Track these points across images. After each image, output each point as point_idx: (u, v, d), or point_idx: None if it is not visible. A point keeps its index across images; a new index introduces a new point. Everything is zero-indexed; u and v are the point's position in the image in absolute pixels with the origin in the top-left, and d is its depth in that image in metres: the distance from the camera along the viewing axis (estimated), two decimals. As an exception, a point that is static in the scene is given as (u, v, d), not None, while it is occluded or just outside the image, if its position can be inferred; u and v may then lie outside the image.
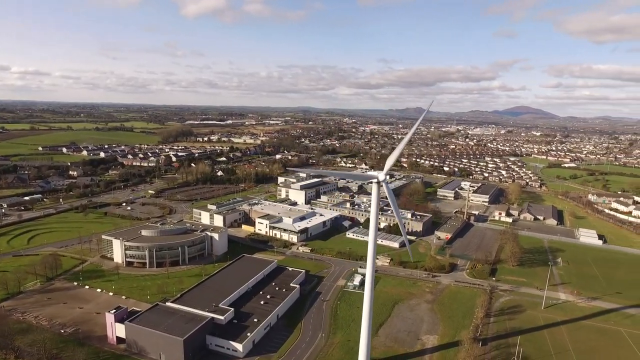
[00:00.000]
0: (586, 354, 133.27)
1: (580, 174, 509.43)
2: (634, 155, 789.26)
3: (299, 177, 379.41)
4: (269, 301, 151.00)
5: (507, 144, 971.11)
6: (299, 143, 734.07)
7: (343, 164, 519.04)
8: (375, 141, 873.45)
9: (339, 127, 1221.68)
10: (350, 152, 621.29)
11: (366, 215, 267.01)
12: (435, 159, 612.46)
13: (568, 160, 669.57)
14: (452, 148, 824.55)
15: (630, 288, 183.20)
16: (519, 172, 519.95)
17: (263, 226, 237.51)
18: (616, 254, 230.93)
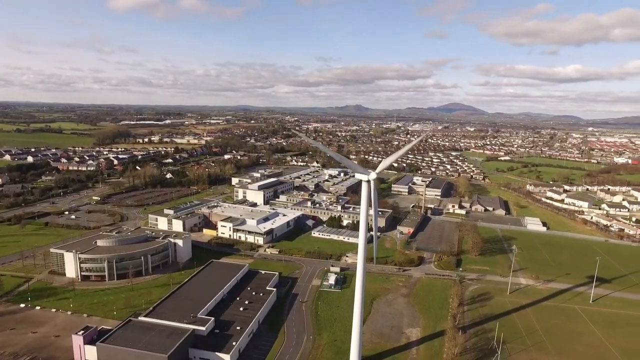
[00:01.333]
0: (551, 331, 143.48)
1: (516, 166, 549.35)
2: (555, 148, 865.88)
3: (253, 177, 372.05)
4: (248, 307, 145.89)
5: (446, 139, 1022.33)
6: (245, 142, 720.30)
7: (294, 163, 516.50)
8: (321, 139, 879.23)
9: (282, 126, 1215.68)
10: (300, 151, 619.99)
11: (328, 213, 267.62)
12: (382, 155, 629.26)
13: (502, 153, 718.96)
14: (395, 144, 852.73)
15: (575, 269, 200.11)
16: (462, 166, 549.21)
17: (226, 229, 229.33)
18: (559, 239, 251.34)
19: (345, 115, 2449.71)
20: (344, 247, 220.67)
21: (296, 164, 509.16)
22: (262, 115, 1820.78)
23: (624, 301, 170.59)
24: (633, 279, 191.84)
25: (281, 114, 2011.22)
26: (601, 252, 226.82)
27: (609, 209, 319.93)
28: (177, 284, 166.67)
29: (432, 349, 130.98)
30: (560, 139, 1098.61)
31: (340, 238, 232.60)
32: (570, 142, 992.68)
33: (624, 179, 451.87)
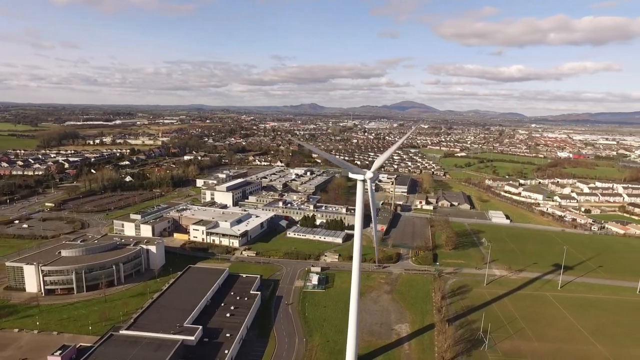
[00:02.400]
0: (529, 318, 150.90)
1: (472, 162, 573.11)
2: (505, 143, 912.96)
3: (218, 178, 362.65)
4: (234, 312, 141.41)
5: (401, 136, 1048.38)
6: (204, 142, 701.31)
7: (258, 163, 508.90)
8: (280, 138, 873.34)
9: (239, 125, 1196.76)
10: (261, 150, 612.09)
11: (301, 213, 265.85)
12: (343, 153, 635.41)
13: (458, 150, 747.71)
14: (355, 142, 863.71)
15: (541, 258, 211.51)
16: (422, 162, 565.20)
17: (199, 233, 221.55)
18: (521, 230, 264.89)
19: (300, 113, 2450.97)
20: (321, 246, 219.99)
21: (259, 164, 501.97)
22: (217, 115, 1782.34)
23: (586, 286, 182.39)
24: (591, 265, 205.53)
25: (236, 113, 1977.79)
26: (560, 241, 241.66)
27: (561, 201, 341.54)
28: (154, 293, 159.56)
29: (423, 343, 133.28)
30: (508, 135, 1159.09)
31: (316, 237, 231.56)
32: (517, 138, 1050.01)
33: (569, 172, 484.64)
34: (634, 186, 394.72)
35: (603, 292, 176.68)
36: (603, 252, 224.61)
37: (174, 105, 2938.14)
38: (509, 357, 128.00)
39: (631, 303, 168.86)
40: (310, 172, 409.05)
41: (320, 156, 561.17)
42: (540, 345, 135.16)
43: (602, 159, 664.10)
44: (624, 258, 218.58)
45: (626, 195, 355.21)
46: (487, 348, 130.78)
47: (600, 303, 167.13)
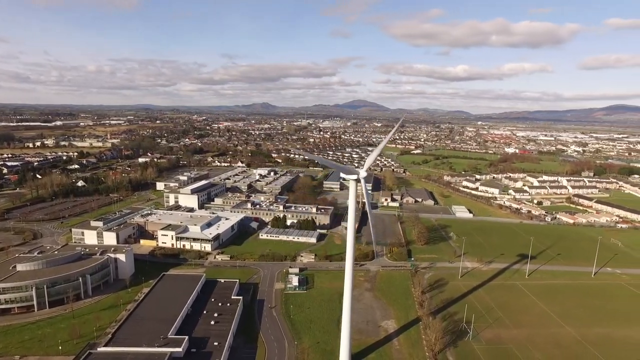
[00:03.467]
0: (504, 307, 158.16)
1: (429, 158, 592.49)
2: (456, 140, 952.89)
3: (179, 180, 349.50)
4: (219, 320, 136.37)
5: (358, 135, 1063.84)
6: (157, 144, 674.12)
7: (217, 164, 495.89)
8: (236, 138, 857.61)
9: (192, 126, 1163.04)
10: (219, 151, 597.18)
11: (271, 214, 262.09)
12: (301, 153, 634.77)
13: (413, 147, 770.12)
14: (311, 141, 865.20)
15: (506, 249, 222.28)
16: (381, 160, 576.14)
17: (168, 238, 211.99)
18: (484, 223, 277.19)
19: (253, 113, 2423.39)
20: (296, 247, 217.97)
21: (219, 165, 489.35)
22: (167, 115, 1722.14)
23: (549, 273, 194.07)
24: (551, 253, 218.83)
25: (187, 113, 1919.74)
26: (521, 232, 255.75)
27: (515, 194, 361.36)
28: (128, 304, 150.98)
29: (411, 337, 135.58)
30: (457, 132, 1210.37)
31: (289, 238, 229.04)
32: (467, 135, 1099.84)
33: (518, 167, 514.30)
34: (576, 179, 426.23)
35: (564, 278, 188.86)
36: (559, 240, 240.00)
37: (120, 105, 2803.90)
38: (492, 345, 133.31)
39: (589, 286, 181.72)
40: (273, 172, 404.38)
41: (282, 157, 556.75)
42: (518, 331, 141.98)
43: (544, 154, 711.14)
44: (576, 245, 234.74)
45: (570, 187, 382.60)
46: (471, 338, 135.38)
47: (564, 288, 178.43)
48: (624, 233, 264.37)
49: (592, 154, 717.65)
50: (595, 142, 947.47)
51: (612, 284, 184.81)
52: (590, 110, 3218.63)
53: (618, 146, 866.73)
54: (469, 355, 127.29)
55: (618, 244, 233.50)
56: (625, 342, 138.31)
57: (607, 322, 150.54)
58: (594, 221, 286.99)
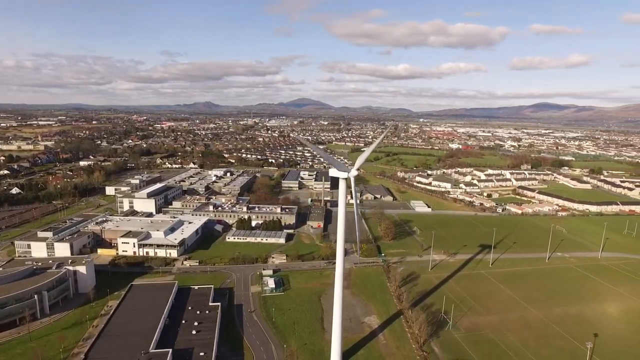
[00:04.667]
0: (475, 295, 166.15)
1: (380, 155, 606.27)
2: (402, 137, 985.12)
3: (131, 184, 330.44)
4: (200, 329, 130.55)
5: (307, 133, 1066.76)
6: (98, 146, 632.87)
7: (168, 165, 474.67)
8: (183, 139, 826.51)
9: (132, 126, 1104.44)
10: (167, 152, 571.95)
11: (235, 215, 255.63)
12: (253, 152, 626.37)
13: (363, 144, 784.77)
14: (260, 140, 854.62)
15: (468, 241, 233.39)
16: (334, 157, 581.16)
17: (129, 246, 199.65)
18: (443, 217, 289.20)
19: (196, 112, 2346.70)
20: (265, 248, 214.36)
21: (170, 167, 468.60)
22: (104, 115, 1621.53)
23: (509, 261, 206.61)
24: (508, 242, 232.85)
25: (126, 113, 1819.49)
26: (477, 224, 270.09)
27: (466, 188, 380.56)
28: (94, 320, 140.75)
29: (395, 331, 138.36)
30: (403, 129, 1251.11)
31: (257, 240, 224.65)
32: (412, 132, 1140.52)
33: (464, 161, 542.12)
34: (517, 171, 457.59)
35: (523, 265, 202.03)
36: (512, 230, 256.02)
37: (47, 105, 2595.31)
38: (471, 332, 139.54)
39: (545, 271, 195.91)
40: (229, 172, 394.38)
41: (235, 157, 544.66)
42: (490, 317, 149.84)
43: (485, 149, 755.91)
44: (528, 234, 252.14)
45: (514, 180, 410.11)
46: (451, 327, 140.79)
47: (524, 274, 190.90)
48: (565, 220, 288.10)
49: (527, 149, 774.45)
50: (528, 137, 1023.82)
51: (563, 267, 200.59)
52: (519, 108, 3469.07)
53: (547, 141, 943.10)
54: (451, 344, 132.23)
55: (562, 230, 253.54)
56: (581, 318, 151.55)
57: (564, 302, 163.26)
58: (538, 210, 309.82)
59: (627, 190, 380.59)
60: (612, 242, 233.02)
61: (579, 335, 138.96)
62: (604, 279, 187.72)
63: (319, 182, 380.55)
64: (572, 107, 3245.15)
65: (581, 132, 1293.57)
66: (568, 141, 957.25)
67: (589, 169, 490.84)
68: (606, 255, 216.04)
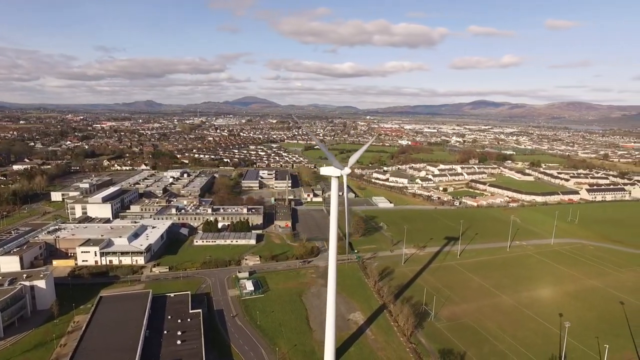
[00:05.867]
0: (449, 286, 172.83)
1: (334, 153, 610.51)
2: (352, 135, 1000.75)
3: (80, 188, 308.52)
4: (185, 338, 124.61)
5: (257, 132, 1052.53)
6: (31, 148, 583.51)
7: (117, 167, 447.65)
8: (128, 139, 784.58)
9: (69, 126, 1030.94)
10: (114, 154, 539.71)
11: (199, 218, 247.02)
12: (205, 152, 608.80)
13: (314, 143, 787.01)
14: (211, 140, 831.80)
15: (433, 234, 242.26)
16: (289, 156, 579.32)
17: (90, 255, 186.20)
18: (405, 212, 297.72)
19: (137, 112, 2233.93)
20: (236, 250, 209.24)
21: (120, 169, 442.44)
22: (32, 114, 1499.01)
23: (475, 251, 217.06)
24: (470, 234, 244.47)
25: (58, 113, 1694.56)
26: (439, 217, 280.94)
27: (422, 183, 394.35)
28: (61, 338, 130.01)
29: (382, 326, 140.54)
30: (351, 127, 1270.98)
31: (227, 242, 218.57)
32: (360, 129, 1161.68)
33: (416, 157, 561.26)
34: (467, 166, 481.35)
35: (487, 254, 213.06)
36: (472, 222, 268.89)
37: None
38: (451, 321, 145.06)
39: (508, 259, 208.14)
40: (186, 174, 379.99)
41: (188, 158, 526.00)
42: (467, 306, 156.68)
43: (433, 144, 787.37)
44: (487, 225, 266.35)
45: (466, 174, 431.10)
46: (433, 318, 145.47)
47: (489, 263, 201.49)
48: (517, 211, 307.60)
49: (471, 144, 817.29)
50: (470, 133, 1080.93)
51: (523, 255, 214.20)
52: (459, 105, 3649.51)
53: (488, 136, 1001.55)
54: (436, 334, 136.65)
55: (517, 220, 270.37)
56: (546, 300, 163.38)
57: (529, 287, 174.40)
58: (491, 202, 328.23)
59: (564, 181, 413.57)
60: (560, 229, 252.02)
61: (547, 317, 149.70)
62: (559, 263, 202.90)
63: (279, 182, 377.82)
64: (507, 105, 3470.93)
65: (516, 128, 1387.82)
66: (507, 136, 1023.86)
67: (529, 162, 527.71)
68: (557, 241, 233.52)
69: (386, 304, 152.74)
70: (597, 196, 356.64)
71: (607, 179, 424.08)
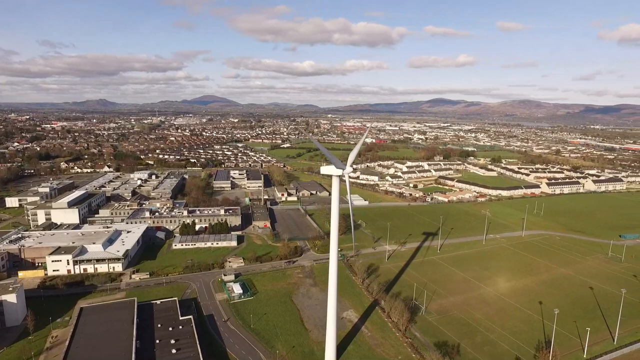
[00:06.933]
0: (435, 280, 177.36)
1: (301, 151, 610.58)
2: (316, 133, 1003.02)
3: (39, 192, 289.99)
4: (179, 346, 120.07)
5: (220, 131, 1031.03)
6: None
7: (78, 170, 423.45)
8: (84, 140, 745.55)
9: (13, 126, 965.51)
10: (72, 156, 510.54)
11: (176, 221, 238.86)
12: (169, 152, 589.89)
13: (280, 142, 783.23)
14: (173, 140, 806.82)
15: (411, 230, 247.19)
16: (256, 155, 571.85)
17: (62, 264, 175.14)
18: (381, 209, 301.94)
19: (89, 111, 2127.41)
20: (217, 253, 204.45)
21: (81, 171, 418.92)
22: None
23: (453, 245, 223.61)
24: (446, 229, 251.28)
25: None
26: (414, 213, 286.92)
27: (392, 180, 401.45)
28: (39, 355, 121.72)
29: (376, 322, 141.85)
30: (314, 125, 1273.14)
31: (208, 245, 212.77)
32: (324, 128, 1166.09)
33: (383, 154, 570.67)
34: (433, 163, 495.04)
35: (465, 248, 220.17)
36: (446, 217, 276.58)
37: None
38: (441, 314, 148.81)
39: (485, 252, 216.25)
40: (154, 175, 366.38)
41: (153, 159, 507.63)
42: (454, 298, 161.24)
43: (397, 142, 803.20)
44: (460, 219, 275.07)
45: (433, 171, 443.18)
46: (424, 312, 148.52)
47: (468, 256, 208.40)
48: (486, 205, 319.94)
49: (433, 141, 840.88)
50: (431, 131, 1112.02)
51: (498, 247, 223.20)
52: (418, 103, 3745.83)
53: (448, 133, 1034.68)
54: (429, 327, 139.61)
55: (488, 214, 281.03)
56: (525, 289, 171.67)
57: (508, 277, 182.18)
58: (461, 198, 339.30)
59: (525, 175, 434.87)
60: (528, 222, 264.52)
61: (529, 305, 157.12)
62: (532, 253, 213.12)
63: (252, 181, 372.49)
64: (463, 103, 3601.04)
65: (473, 125, 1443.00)
66: (465, 133, 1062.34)
67: (490, 158, 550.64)
68: (527, 233, 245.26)
69: (377, 300, 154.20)
70: (556, 189, 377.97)
71: (562, 173, 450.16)
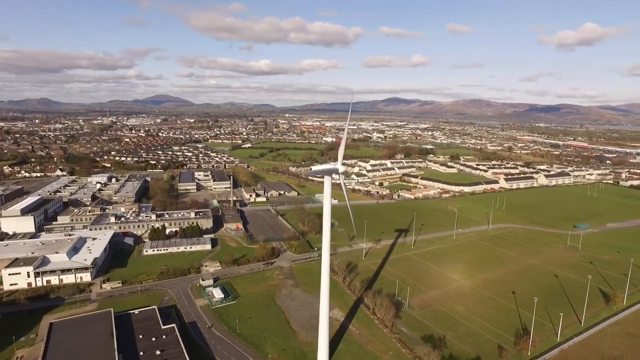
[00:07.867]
0: (413, 276, 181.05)
1: (263, 152, 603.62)
2: (276, 132, 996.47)
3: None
4: (166, 357, 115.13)
5: (177, 132, 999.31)
6: None
7: (26, 174, 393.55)
8: (28, 142, 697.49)
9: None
10: (16, 159, 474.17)
11: (144, 225, 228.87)
12: (126, 154, 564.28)
13: (241, 142, 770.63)
14: (127, 141, 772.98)
15: (383, 227, 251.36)
16: (218, 156, 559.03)
17: (21, 277, 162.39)
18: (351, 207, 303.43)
19: (30, 111, 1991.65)
20: (192, 257, 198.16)
21: (29, 176, 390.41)
22: None
23: (426, 241, 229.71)
24: (417, 225, 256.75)
25: None
26: (383, 210, 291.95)
27: (358, 178, 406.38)
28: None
29: (362, 320, 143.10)
30: (273, 125, 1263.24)
31: (181, 249, 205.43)
32: (283, 127, 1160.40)
33: (346, 153, 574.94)
34: (396, 161, 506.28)
35: (437, 243, 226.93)
36: (417, 214, 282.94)
37: None
38: (424, 309, 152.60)
39: (456, 246, 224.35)
40: (114, 178, 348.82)
41: (110, 161, 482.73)
42: (434, 293, 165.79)
43: (356, 141, 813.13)
44: (430, 215, 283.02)
45: (397, 168, 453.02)
46: (407, 308, 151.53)
47: (442, 251, 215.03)
48: (451, 201, 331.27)
49: (392, 139, 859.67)
50: (389, 129, 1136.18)
51: (468, 241, 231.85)
52: (374, 102, 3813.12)
53: (405, 132, 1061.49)
54: (414, 322, 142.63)
55: (455, 210, 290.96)
56: (498, 280, 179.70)
57: (481, 270, 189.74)
58: (426, 194, 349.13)
59: (483, 172, 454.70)
60: (493, 216, 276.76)
61: (503, 295, 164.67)
62: (500, 246, 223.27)
63: (218, 183, 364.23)
64: (417, 102, 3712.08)
65: (428, 124, 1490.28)
66: (422, 131, 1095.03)
67: (449, 156, 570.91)
68: (493, 227, 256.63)
69: (361, 298, 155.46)
70: (514, 184, 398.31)
71: (516, 168, 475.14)
